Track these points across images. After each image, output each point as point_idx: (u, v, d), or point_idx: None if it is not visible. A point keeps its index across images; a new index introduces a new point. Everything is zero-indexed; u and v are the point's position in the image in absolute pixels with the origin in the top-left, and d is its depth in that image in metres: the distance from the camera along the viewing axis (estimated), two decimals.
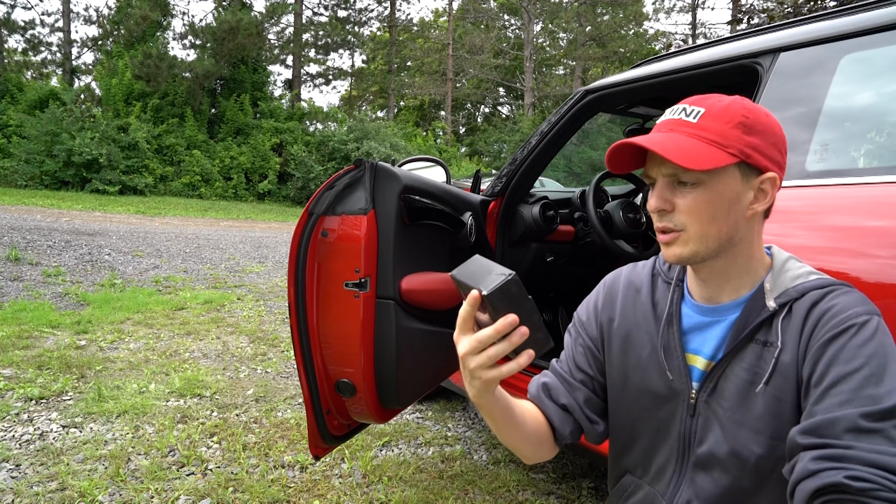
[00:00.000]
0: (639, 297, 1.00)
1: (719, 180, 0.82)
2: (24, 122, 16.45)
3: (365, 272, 1.62)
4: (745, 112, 0.83)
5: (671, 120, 0.87)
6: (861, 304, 0.79)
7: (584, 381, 1.04)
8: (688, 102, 0.87)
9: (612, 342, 1.01)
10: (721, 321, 0.89)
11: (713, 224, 0.83)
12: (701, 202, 0.83)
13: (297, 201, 19.46)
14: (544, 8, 26.46)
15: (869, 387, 0.71)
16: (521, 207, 2.33)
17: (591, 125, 13.24)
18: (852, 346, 0.75)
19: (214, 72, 19.90)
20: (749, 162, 0.82)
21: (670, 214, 0.86)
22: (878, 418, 0.69)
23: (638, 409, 0.98)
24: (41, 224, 8.78)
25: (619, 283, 1.04)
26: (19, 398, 2.78)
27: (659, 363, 0.94)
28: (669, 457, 0.93)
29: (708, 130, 0.82)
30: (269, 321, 4.68)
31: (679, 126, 0.85)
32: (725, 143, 0.81)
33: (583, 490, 2.23)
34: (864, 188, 1.25)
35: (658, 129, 0.87)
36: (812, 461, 0.69)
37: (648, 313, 0.97)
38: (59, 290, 5.08)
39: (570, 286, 2.80)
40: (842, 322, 0.77)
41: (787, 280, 0.85)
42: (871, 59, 1.34)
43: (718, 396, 0.87)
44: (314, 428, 1.74)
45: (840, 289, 0.82)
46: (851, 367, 0.73)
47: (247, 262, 7.69)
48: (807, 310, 0.81)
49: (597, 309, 1.05)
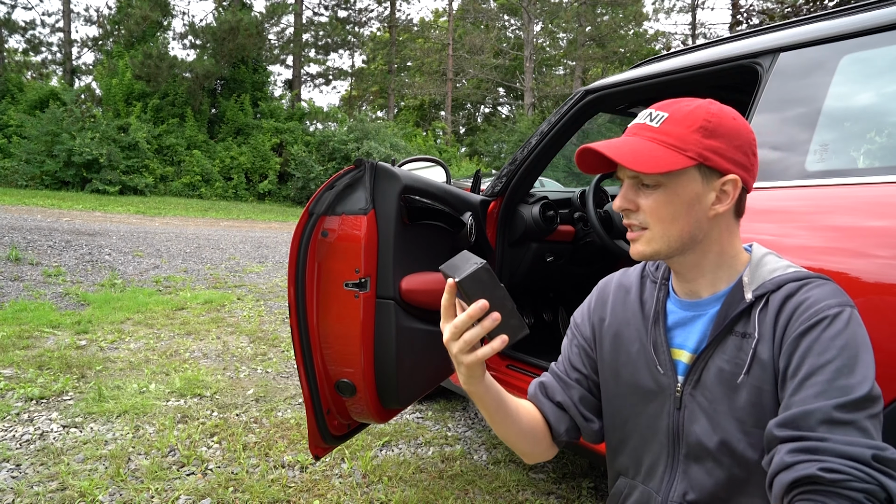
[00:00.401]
0: (628, 297, 1.04)
1: (678, 182, 0.87)
2: (25, 123, 16.46)
3: (365, 272, 1.62)
4: (708, 116, 0.86)
5: (637, 125, 0.92)
6: (834, 296, 0.81)
7: (580, 380, 1.08)
8: (655, 107, 0.91)
9: (604, 341, 1.05)
10: (702, 315, 0.93)
11: (674, 224, 0.88)
12: (661, 203, 0.88)
13: (298, 201, 19.47)
14: (544, 8, 26.46)
15: (841, 378, 0.74)
16: (521, 207, 2.33)
17: (591, 125, 13.24)
18: (825, 338, 0.77)
19: (214, 72, 19.91)
20: (708, 164, 0.85)
21: (635, 213, 0.91)
22: (850, 409, 0.72)
23: (628, 407, 1.01)
24: (41, 224, 8.78)
25: (611, 286, 1.09)
26: (20, 398, 2.78)
27: (647, 359, 0.97)
28: (660, 453, 0.96)
29: (668, 135, 0.86)
30: (270, 321, 4.68)
31: (642, 130, 0.90)
32: (684, 147, 0.85)
33: (583, 490, 2.23)
34: (863, 188, 1.25)
35: (626, 133, 0.93)
36: (788, 454, 0.73)
37: (637, 312, 1.01)
38: (59, 290, 5.08)
39: (570, 286, 2.80)
40: (815, 314, 0.79)
41: (765, 273, 0.88)
42: (870, 60, 1.34)
43: (703, 388, 0.89)
44: (314, 428, 1.74)
45: (814, 281, 0.84)
46: (824, 359, 0.76)
47: (247, 262, 7.70)
48: (781, 301, 0.83)
49: (590, 310, 1.11)
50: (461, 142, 31.66)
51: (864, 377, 0.74)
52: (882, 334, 1.10)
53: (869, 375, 0.75)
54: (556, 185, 10.87)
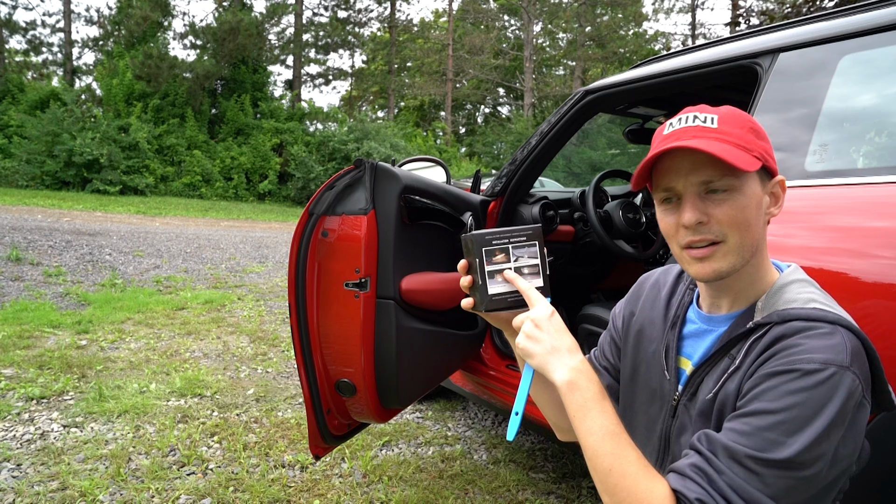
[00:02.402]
0: (659, 296, 1.03)
1: (747, 185, 0.80)
2: (26, 123, 16.45)
3: (365, 272, 1.62)
4: (750, 118, 0.84)
5: (689, 127, 0.82)
6: (828, 352, 0.73)
7: (608, 368, 1.11)
8: (696, 110, 0.84)
9: (630, 334, 1.05)
10: (713, 331, 0.91)
11: (749, 231, 0.81)
12: (738, 209, 0.80)
13: (298, 201, 19.46)
14: (544, 8, 26.45)
15: (773, 432, 0.71)
16: (521, 207, 2.33)
17: (591, 125, 13.25)
18: (784, 388, 0.73)
19: (215, 72, 19.91)
20: (766, 165, 0.82)
21: (707, 226, 0.81)
22: (762, 464, 0.71)
23: (637, 404, 1.01)
24: (42, 224, 8.78)
25: (648, 282, 1.08)
26: (20, 398, 2.79)
27: (659, 361, 0.97)
28: (652, 456, 0.96)
29: (731, 135, 0.80)
30: (270, 321, 4.68)
31: (701, 132, 0.81)
32: (749, 147, 0.80)
33: (583, 490, 2.23)
34: (863, 188, 1.25)
35: (675, 137, 0.82)
36: (689, 466, 0.75)
37: (661, 313, 1.00)
38: (59, 290, 5.08)
39: (570, 286, 2.80)
40: (791, 363, 0.73)
41: (780, 303, 0.82)
42: (870, 60, 1.34)
43: (696, 402, 0.88)
44: (314, 427, 1.74)
45: (821, 328, 0.75)
46: (770, 408, 0.73)
47: (247, 262, 7.70)
48: (775, 338, 0.78)
49: (625, 303, 1.11)
50: (461, 142, 31.64)
51: (798, 443, 0.70)
52: (882, 334, 1.10)
53: (807, 444, 0.69)
54: (556, 185, 10.86)
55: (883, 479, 1.12)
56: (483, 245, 0.87)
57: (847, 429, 0.73)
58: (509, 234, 0.89)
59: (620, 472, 0.76)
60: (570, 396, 0.83)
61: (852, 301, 1.09)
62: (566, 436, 1.10)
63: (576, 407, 0.83)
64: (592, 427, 0.80)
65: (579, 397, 0.83)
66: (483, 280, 0.87)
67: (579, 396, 0.83)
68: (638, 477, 0.75)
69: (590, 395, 0.83)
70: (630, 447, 0.79)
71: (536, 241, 0.90)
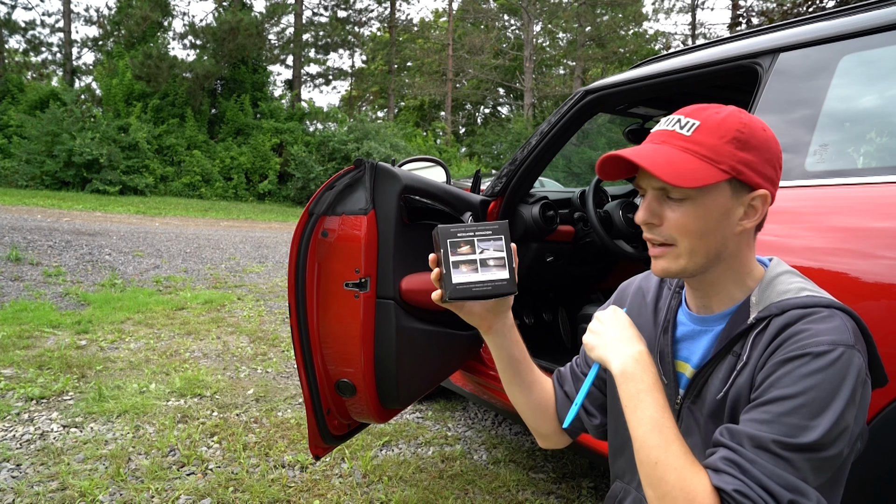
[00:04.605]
0: (644, 301, 1.04)
1: (709, 196, 0.82)
2: (25, 123, 16.45)
3: (365, 272, 1.62)
4: (741, 126, 0.82)
5: (665, 131, 0.86)
6: (833, 333, 0.75)
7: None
8: (684, 113, 0.86)
9: None
10: (709, 331, 0.91)
11: (702, 240, 0.83)
12: (690, 218, 0.83)
13: (298, 201, 19.46)
14: (544, 8, 26.46)
15: (796, 416, 0.73)
16: (521, 207, 2.33)
17: (591, 125, 13.26)
18: (798, 373, 0.74)
19: (215, 72, 19.91)
20: (741, 178, 0.81)
21: (659, 228, 0.86)
22: (789, 448, 0.72)
23: None
24: (42, 224, 8.78)
25: (631, 288, 1.09)
26: (20, 398, 2.79)
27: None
28: None
29: (701, 145, 0.81)
30: (270, 321, 4.68)
31: (672, 138, 0.84)
32: (717, 159, 0.80)
33: (583, 490, 2.23)
34: (863, 188, 1.25)
35: (651, 140, 0.87)
36: (721, 460, 0.75)
37: (650, 318, 1.00)
38: (59, 290, 5.08)
39: (570, 286, 2.80)
40: (801, 347, 0.75)
41: (773, 295, 0.84)
42: (870, 60, 1.34)
43: (701, 404, 0.88)
44: (314, 428, 1.74)
45: (821, 312, 0.78)
46: (788, 393, 0.74)
47: (247, 262, 7.70)
48: (779, 329, 0.79)
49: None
50: (461, 142, 31.64)
51: (822, 425, 0.71)
52: (883, 335, 1.10)
53: (830, 425, 0.71)
54: (556, 185, 10.86)
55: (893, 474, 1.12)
56: (448, 237, 0.89)
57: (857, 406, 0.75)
58: (475, 227, 0.91)
59: (666, 465, 0.77)
60: (624, 386, 0.86)
61: (853, 301, 1.08)
62: (546, 442, 1.11)
63: (627, 396, 0.85)
64: (643, 417, 0.82)
65: (632, 387, 0.85)
66: (448, 270, 0.89)
67: (632, 386, 0.85)
68: (683, 472, 0.75)
69: (643, 386, 0.84)
70: (677, 440, 0.79)
71: (503, 235, 0.91)
